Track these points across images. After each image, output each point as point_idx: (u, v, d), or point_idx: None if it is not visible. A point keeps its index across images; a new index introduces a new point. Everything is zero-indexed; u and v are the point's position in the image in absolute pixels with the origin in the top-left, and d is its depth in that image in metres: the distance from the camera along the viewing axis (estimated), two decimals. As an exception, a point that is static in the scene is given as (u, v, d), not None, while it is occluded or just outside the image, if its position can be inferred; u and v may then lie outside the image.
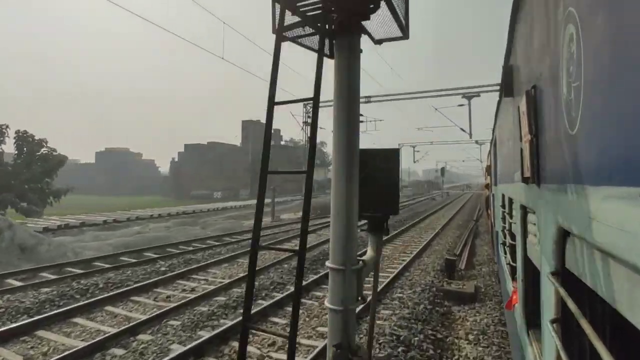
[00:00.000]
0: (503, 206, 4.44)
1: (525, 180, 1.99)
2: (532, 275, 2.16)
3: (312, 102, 2.23)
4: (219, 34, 17.63)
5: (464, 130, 23.94)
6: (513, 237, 3.16)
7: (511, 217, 3.39)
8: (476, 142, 32.68)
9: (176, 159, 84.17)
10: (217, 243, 14.92)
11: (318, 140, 2.45)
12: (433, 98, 22.15)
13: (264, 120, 2.32)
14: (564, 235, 1.25)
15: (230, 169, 71.37)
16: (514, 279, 3.14)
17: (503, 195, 4.52)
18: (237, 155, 71.44)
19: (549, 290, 1.41)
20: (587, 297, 1.06)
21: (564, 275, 1.25)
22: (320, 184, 67.15)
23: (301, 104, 21.99)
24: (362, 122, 17.63)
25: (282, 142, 79.55)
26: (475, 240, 15.58)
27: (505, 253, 4.03)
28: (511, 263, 3.32)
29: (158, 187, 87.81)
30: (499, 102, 4.64)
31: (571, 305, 0.99)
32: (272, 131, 2.36)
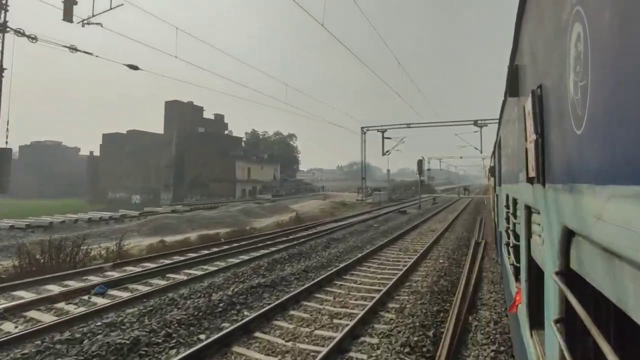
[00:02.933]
0: (507, 207, 4.69)
1: (530, 180, 2.12)
2: (535, 276, 2.29)
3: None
4: None
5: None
6: (517, 237, 3.33)
7: (515, 217, 3.59)
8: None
9: (97, 153, 68.09)
10: None
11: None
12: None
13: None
14: (568, 235, 1.31)
15: (153, 165, 55.75)
16: (517, 279, 3.27)
17: (507, 196, 4.76)
18: (160, 147, 55.83)
19: (553, 290, 1.48)
20: (591, 297, 1.10)
21: (568, 275, 1.31)
22: (266, 185, 52.35)
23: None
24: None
25: (227, 132, 63.91)
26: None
27: (509, 254, 4.27)
28: (515, 263, 3.50)
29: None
30: (503, 103, 4.72)
31: (575, 305, 1.04)
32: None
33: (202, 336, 6.32)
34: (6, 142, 15.06)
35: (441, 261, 12.23)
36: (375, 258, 12.86)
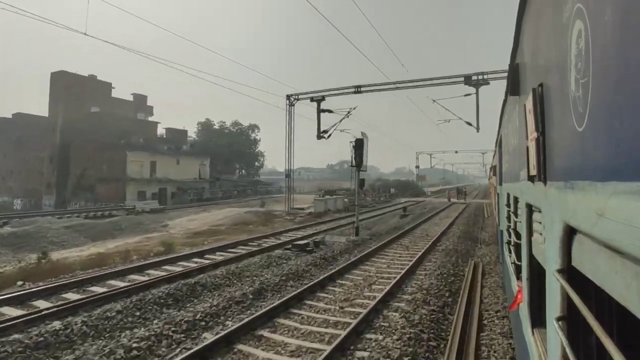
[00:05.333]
0: (508, 205, 4.78)
1: (531, 178, 2.17)
2: (537, 274, 2.31)
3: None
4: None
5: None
6: (518, 235, 3.37)
7: (516, 215, 3.65)
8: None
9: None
10: None
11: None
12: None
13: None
14: (570, 233, 1.33)
15: (33, 159, 41.46)
16: (518, 278, 3.28)
17: (508, 195, 4.87)
18: (45, 135, 41.42)
19: (555, 288, 1.50)
20: (594, 294, 1.12)
21: (570, 273, 1.33)
22: (186, 186, 37.71)
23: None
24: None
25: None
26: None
27: (510, 252, 4.34)
28: (516, 262, 3.57)
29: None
30: (504, 102, 4.87)
31: (578, 302, 1.06)
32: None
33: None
34: None
35: None
36: None
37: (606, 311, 1.08)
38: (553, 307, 1.53)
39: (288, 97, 25.61)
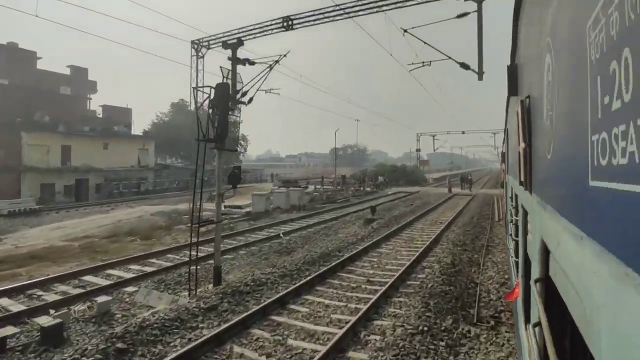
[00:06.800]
0: (511, 199, 4.82)
1: (521, 183, 2.29)
2: (530, 273, 2.29)
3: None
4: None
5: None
6: (517, 232, 3.37)
7: (516, 213, 3.62)
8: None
9: None
10: None
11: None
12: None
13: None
14: (545, 248, 1.40)
15: None
16: (517, 272, 3.30)
17: (512, 189, 4.79)
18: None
19: (534, 296, 1.56)
20: (564, 305, 1.16)
21: (547, 283, 1.42)
22: (119, 176, 29.19)
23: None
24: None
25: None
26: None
27: (511, 246, 4.40)
28: (514, 257, 3.64)
29: None
30: (508, 96, 4.69)
31: (548, 313, 1.17)
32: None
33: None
34: None
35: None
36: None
37: (573, 321, 1.10)
38: (533, 313, 1.75)
39: (194, 44, 17.22)
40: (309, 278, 8.40)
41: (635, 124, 0.56)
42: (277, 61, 15.40)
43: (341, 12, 13.41)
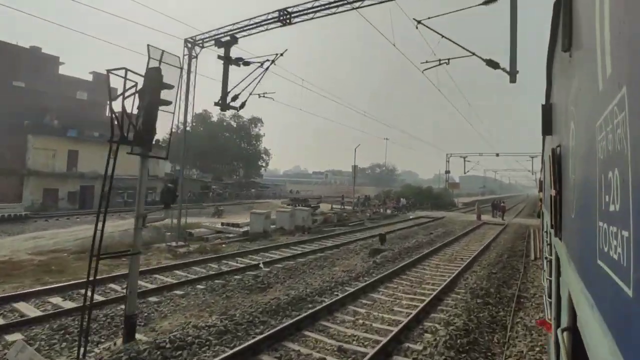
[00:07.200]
0: (546, 233, 4.88)
1: (552, 226, 2.29)
2: (560, 319, 2.21)
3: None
4: None
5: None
6: (551, 269, 3.31)
7: (550, 251, 3.57)
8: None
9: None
10: None
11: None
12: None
13: None
14: (571, 300, 1.39)
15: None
16: (550, 307, 3.27)
17: (547, 224, 4.77)
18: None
19: (561, 344, 1.53)
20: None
21: (574, 334, 1.39)
22: (119, 185, 27.72)
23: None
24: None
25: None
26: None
27: (547, 283, 4.38)
28: (547, 297, 3.72)
29: None
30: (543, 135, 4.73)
31: None
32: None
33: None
34: None
35: None
36: None
37: None
38: None
39: (187, 42, 15.64)
40: (256, 340, 6.02)
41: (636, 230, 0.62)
42: (272, 61, 13.52)
43: (344, 2, 11.29)
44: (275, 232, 20.54)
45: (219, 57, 13.95)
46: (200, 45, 15.39)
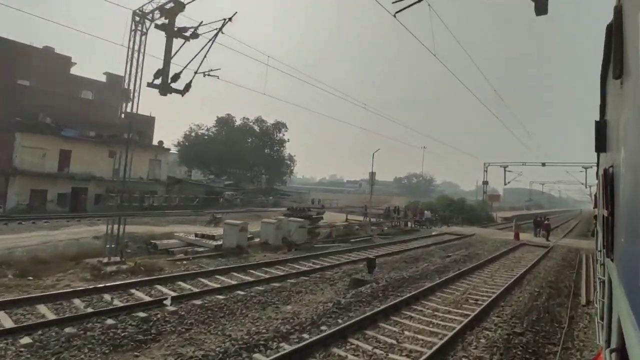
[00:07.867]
0: (600, 251, 4.61)
1: (604, 246, 2.22)
2: (610, 342, 2.15)
3: None
4: None
5: None
6: (603, 293, 3.23)
7: (602, 270, 3.44)
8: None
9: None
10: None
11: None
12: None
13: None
14: (620, 323, 1.33)
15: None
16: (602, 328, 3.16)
17: (600, 241, 4.71)
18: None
19: None
20: None
21: (621, 354, 1.32)
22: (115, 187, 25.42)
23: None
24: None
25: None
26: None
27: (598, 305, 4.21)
28: (598, 319, 3.53)
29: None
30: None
31: None
32: None
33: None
34: None
35: None
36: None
37: None
38: None
39: (136, 15, 12.91)
40: None
41: None
42: (219, 29, 10.42)
43: None
44: (257, 247, 17.31)
45: (157, 26, 11.13)
46: (150, 19, 12.63)
